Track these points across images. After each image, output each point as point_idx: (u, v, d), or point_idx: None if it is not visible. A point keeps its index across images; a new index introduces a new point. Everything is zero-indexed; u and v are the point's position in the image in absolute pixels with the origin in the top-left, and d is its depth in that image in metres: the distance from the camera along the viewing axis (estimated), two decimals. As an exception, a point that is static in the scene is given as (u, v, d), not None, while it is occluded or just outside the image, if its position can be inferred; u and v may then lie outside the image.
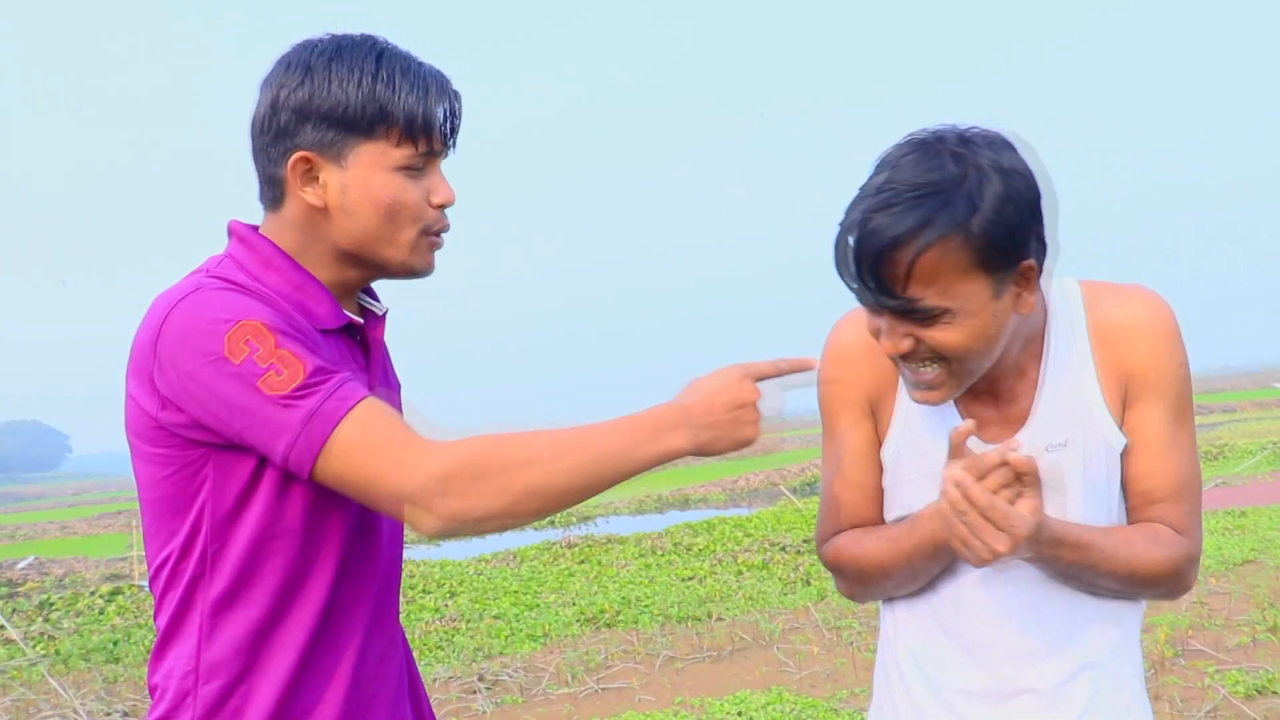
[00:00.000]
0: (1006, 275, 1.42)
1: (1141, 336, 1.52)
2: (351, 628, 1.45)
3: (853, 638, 7.19)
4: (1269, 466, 16.06)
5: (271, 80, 1.45)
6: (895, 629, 1.68)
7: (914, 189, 1.38)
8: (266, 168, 1.46)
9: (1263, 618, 6.50)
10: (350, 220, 1.44)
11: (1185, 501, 1.54)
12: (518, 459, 1.32)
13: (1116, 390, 1.53)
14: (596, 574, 11.43)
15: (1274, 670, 5.40)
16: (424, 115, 1.43)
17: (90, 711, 6.65)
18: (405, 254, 1.47)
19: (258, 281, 1.42)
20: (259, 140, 1.46)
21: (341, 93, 1.40)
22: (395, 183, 1.44)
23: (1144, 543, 1.51)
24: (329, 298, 1.47)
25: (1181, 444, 1.54)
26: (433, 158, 1.47)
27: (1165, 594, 1.56)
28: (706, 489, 24.07)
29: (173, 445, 1.36)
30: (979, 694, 1.58)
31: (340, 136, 1.42)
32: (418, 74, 1.44)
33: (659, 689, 6.41)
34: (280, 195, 1.46)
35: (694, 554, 12.15)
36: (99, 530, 26.83)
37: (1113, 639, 1.57)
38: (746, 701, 5.81)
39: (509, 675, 7.00)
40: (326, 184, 1.43)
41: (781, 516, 14.38)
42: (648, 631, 8.17)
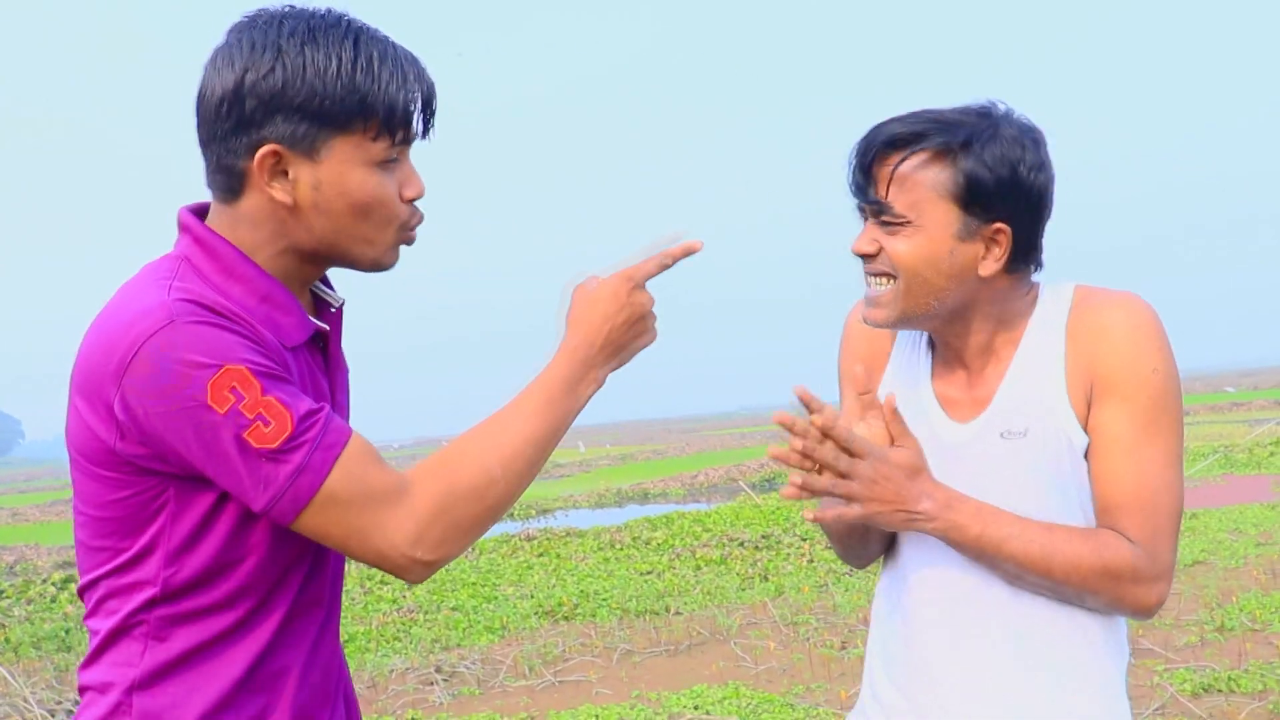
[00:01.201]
0: (977, 224, 1.51)
1: (1112, 338, 1.52)
2: (300, 645, 1.40)
3: (809, 633, 7.24)
4: (1220, 469, 16.31)
5: (232, 59, 1.30)
6: (875, 611, 1.75)
7: (933, 116, 1.52)
8: (223, 157, 1.33)
9: (1211, 618, 6.61)
10: (322, 219, 1.34)
11: (1143, 513, 1.50)
12: (474, 484, 1.32)
13: (1081, 388, 1.54)
14: (555, 567, 11.43)
15: (1220, 669, 5.49)
16: (404, 105, 1.34)
17: (41, 700, 6.57)
18: (379, 253, 1.39)
19: (221, 294, 1.31)
20: (214, 126, 1.32)
21: (318, 82, 1.29)
22: (372, 179, 1.34)
23: (1068, 533, 1.50)
24: (295, 306, 1.38)
25: (1149, 454, 1.51)
26: (405, 147, 1.38)
27: (1109, 602, 1.52)
28: (665, 483, 24.12)
29: (127, 472, 1.28)
30: (921, 673, 1.61)
31: (314, 130, 1.30)
32: (395, 59, 1.34)
33: (616, 682, 6.43)
34: (239, 188, 1.34)
35: (652, 548, 12.18)
36: (52, 518, 26.48)
37: (1067, 632, 1.56)
38: (703, 696, 5.84)
39: (466, 667, 6.99)
40: (297, 180, 1.32)
41: (740, 512, 14.43)
42: (606, 625, 8.18)
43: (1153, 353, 1.51)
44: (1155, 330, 1.53)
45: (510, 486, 1.35)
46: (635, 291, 1.41)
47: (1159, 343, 1.52)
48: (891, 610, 1.68)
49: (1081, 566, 1.48)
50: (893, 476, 1.46)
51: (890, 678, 1.66)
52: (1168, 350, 1.53)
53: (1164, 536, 1.51)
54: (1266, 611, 6.70)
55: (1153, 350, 1.52)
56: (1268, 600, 7.00)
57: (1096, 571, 1.48)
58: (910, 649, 1.63)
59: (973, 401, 1.61)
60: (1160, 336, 1.53)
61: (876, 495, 1.46)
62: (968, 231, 1.51)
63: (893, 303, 1.55)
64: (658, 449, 42.13)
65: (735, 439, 46.84)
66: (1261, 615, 6.63)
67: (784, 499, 1.52)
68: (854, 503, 1.46)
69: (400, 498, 1.30)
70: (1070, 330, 1.56)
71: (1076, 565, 1.48)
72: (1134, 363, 1.51)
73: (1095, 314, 1.55)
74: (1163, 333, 1.54)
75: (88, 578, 1.37)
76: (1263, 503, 12.18)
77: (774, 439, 1.45)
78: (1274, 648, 5.83)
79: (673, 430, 74.92)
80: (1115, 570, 1.48)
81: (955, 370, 1.63)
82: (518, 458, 1.35)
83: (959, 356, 1.62)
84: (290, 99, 1.29)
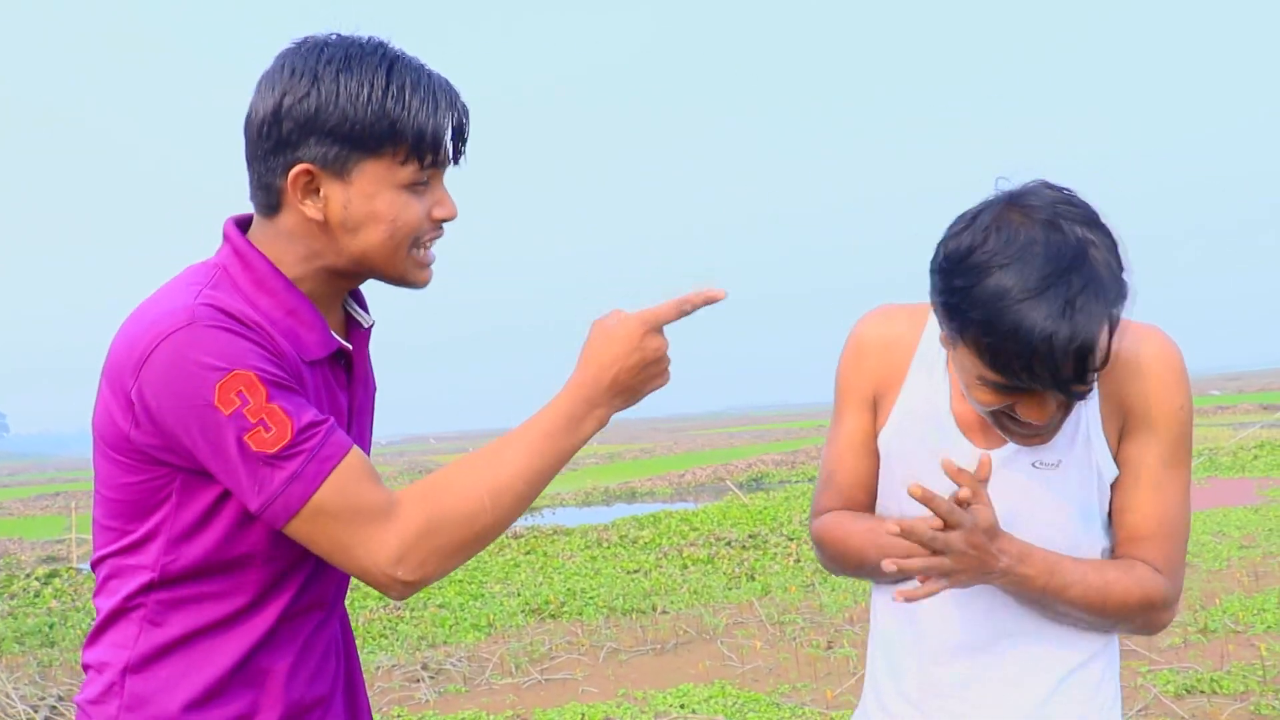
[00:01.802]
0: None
1: (1145, 373, 1.55)
2: (292, 645, 1.44)
3: (796, 633, 7.26)
4: (1204, 473, 16.40)
5: (274, 83, 1.38)
6: (875, 618, 1.75)
7: (1078, 297, 1.37)
8: (263, 175, 1.40)
9: (1194, 619, 6.65)
10: (351, 237, 1.40)
11: (1167, 543, 1.56)
12: (462, 512, 1.36)
13: (1114, 421, 1.57)
14: (542, 565, 11.44)
15: (1203, 670, 5.53)
16: (433, 132, 1.39)
17: (24, 696, 6.55)
18: (402, 270, 1.45)
19: (249, 303, 1.38)
20: (257, 145, 1.40)
21: (350, 107, 1.35)
22: (399, 200, 1.40)
23: (1115, 571, 1.54)
24: (320, 323, 1.43)
25: (1172, 486, 1.57)
26: (437, 170, 1.43)
27: (1136, 628, 1.58)
28: (653, 482, 24.13)
29: (139, 459, 1.34)
30: (933, 682, 1.62)
31: (345, 152, 1.37)
32: (428, 87, 1.39)
33: (603, 681, 6.44)
34: (276, 204, 1.41)
35: (639, 547, 12.20)
36: (36, 512, 26.38)
37: (1075, 640, 1.59)
38: (689, 694, 5.85)
39: (453, 664, 6.99)
40: (328, 198, 1.39)
41: (727, 511, 14.46)
42: (592, 623, 8.19)
43: (1182, 390, 1.57)
44: (1182, 366, 1.58)
45: (498, 517, 1.38)
46: (650, 335, 1.42)
47: (1185, 379, 1.58)
48: (901, 627, 1.67)
49: (1130, 603, 1.54)
50: (980, 541, 1.43)
51: (900, 691, 1.66)
52: (1188, 385, 1.58)
53: (1180, 563, 1.59)
54: (1249, 613, 6.75)
55: (1182, 387, 1.57)
56: (1250, 603, 7.04)
57: (1141, 604, 1.54)
58: (923, 663, 1.63)
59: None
60: (1185, 372, 1.58)
61: (964, 566, 1.43)
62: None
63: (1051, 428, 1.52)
64: (645, 448, 42.15)
65: (723, 438, 46.89)
66: (1244, 617, 6.67)
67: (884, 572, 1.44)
68: (943, 577, 1.43)
69: (387, 517, 1.34)
70: None
71: (1125, 602, 1.53)
72: (1166, 400, 1.55)
73: (1128, 349, 1.56)
74: (1185, 368, 1.59)
75: (98, 554, 1.43)
76: (1246, 506, 12.26)
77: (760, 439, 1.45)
78: (1256, 649, 5.86)
79: (660, 429, 74.95)
80: (1152, 601, 1.55)
81: None
82: (508, 490, 1.38)
83: None
84: (323, 123, 1.36)
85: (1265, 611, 6.78)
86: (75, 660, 8.17)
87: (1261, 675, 5.39)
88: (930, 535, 1.40)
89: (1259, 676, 5.38)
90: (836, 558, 1.69)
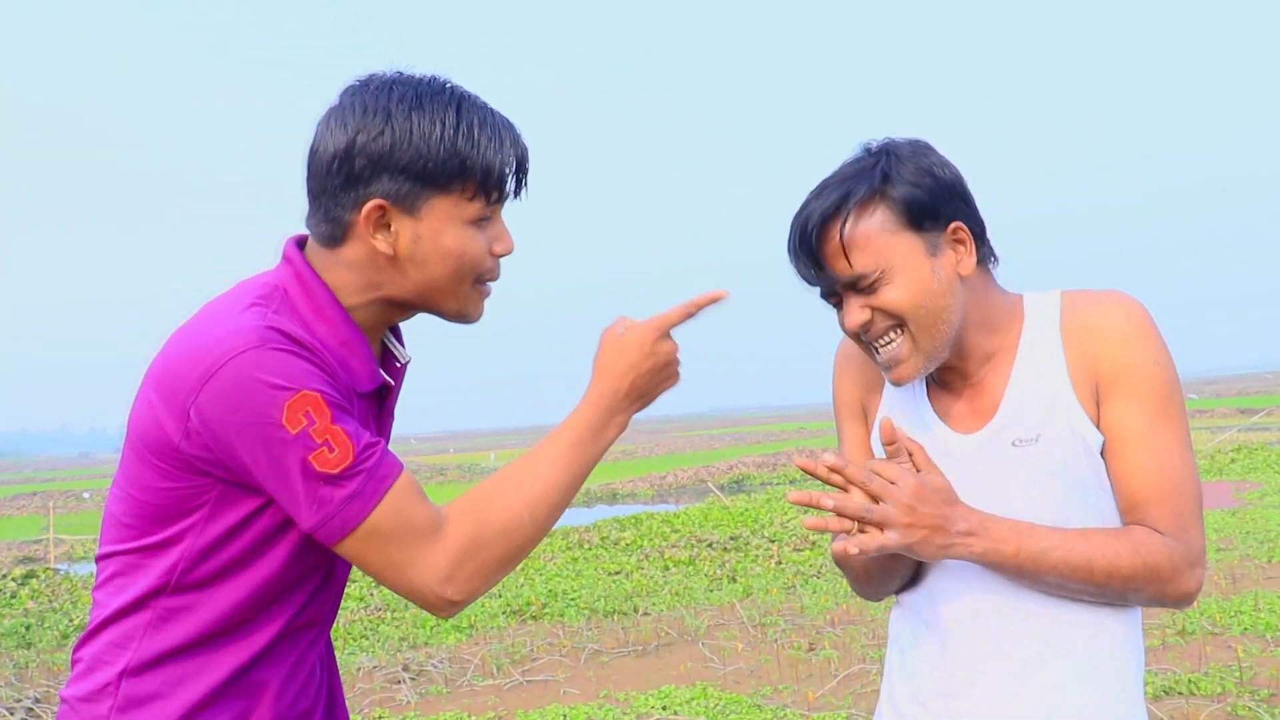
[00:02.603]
0: (936, 235, 1.54)
1: (1109, 336, 1.54)
2: (286, 659, 1.46)
3: (777, 635, 7.27)
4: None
5: (345, 121, 1.41)
6: (892, 620, 1.74)
7: (838, 179, 1.56)
8: (331, 209, 1.43)
9: (1172, 621, 6.69)
10: (419, 270, 1.44)
11: (1170, 501, 1.51)
12: (503, 526, 1.40)
13: (1088, 388, 1.55)
14: (523, 566, 11.42)
15: (1181, 672, 5.57)
16: (499, 169, 1.43)
17: (0, 698, 6.51)
18: (462, 304, 1.48)
19: (307, 329, 1.40)
20: (326, 180, 1.42)
21: (424, 145, 1.39)
22: (465, 235, 1.44)
23: (1103, 535, 1.50)
24: (370, 356, 1.46)
25: (1165, 443, 1.52)
26: (498, 206, 1.47)
27: (1153, 596, 1.52)
28: (634, 484, 24.15)
29: (181, 467, 1.36)
30: (946, 686, 1.61)
31: (418, 189, 1.40)
32: (494, 126, 1.44)
33: (584, 682, 6.44)
34: (342, 236, 1.44)
35: (621, 548, 12.20)
36: (13, 512, 26.21)
37: (1092, 634, 1.56)
38: (671, 696, 5.85)
39: (434, 666, 6.98)
40: (399, 233, 1.42)
41: (709, 513, 14.48)
42: (574, 625, 8.19)
43: (1151, 346, 1.54)
44: (1149, 324, 1.55)
45: (537, 528, 1.43)
46: (661, 340, 1.49)
47: (1154, 335, 1.55)
48: (917, 631, 1.67)
49: (1122, 568, 1.49)
50: (930, 499, 1.44)
51: (912, 691, 1.65)
52: (1163, 341, 1.56)
53: (1192, 521, 1.53)
54: (1226, 616, 6.80)
55: (1151, 343, 1.54)
56: (1227, 605, 7.10)
57: (1138, 569, 1.49)
58: (939, 666, 1.62)
59: (975, 412, 1.61)
60: (1154, 329, 1.55)
61: (914, 521, 1.43)
62: (934, 247, 1.54)
63: (912, 350, 1.56)
64: (626, 449, 42.16)
65: (704, 440, 46.93)
66: (1221, 619, 6.73)
67: (806, 528, 1.51)
68: (889, 530, 1.43)
69: (435, 535, 1.37)
70: (1065, 332, 1.58)
71: (1117, 567, 1.49)
72: (1136, 358, 1.53)
73: (1089, 314, 1.57)
74: (1155, 326, 1.56)
75: (109, 549, 1.43)
76: (1223, 509, 12.36)
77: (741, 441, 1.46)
78: (1233, 651, 5.91)
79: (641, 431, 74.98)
80: (1155, 565, 1.49)
81: (951, 382, 1.64)
82: (543, 501, 1.43)
83: (954, 368, 1.62)
84: (397, 160, 1.39)
85: (1242, 614, 6.83)
86: (53, 661, 8.13)
87: (1238, 676, 5.43)
88: (866, 475, 1.43)
89: (1236, 678, 5.42)
90: (855, 577, 1.71)
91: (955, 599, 1.60)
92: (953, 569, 1.61)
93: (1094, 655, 1.57)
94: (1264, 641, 6.19)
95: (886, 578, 1.68)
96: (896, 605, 1.74)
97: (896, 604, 1.74)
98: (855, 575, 1.70)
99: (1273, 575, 8.27)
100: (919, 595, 1.67)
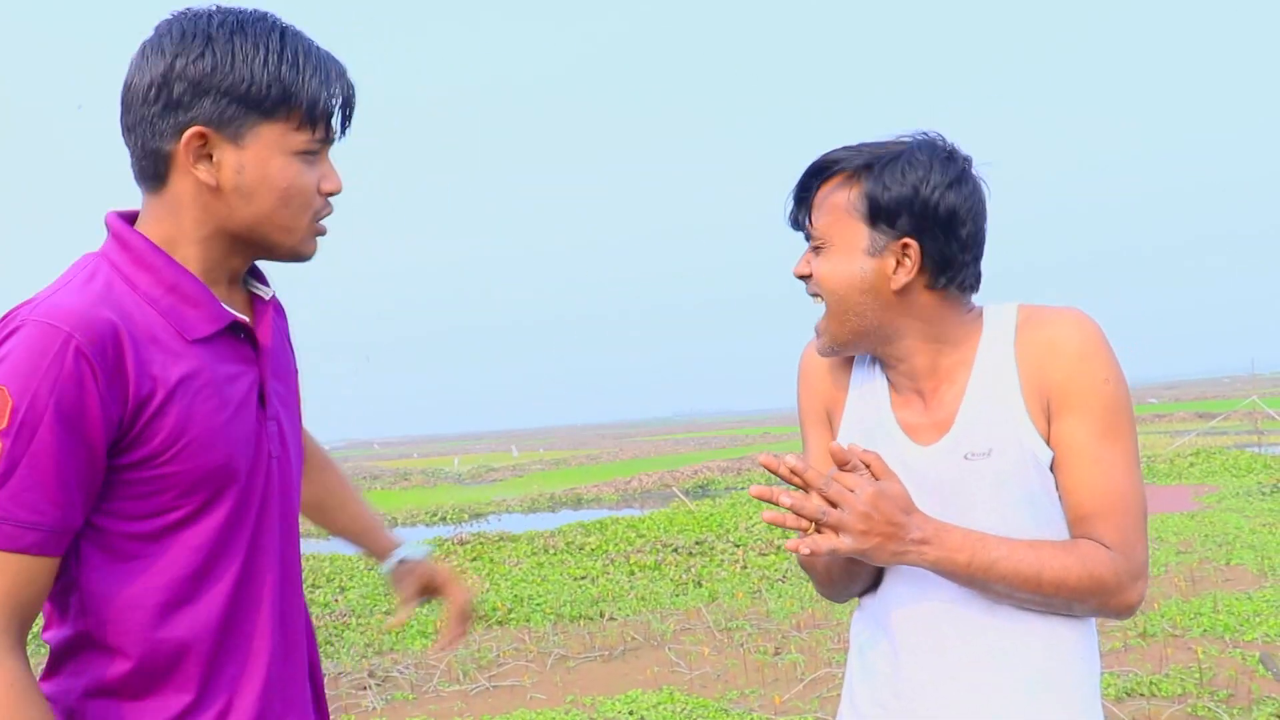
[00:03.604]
0: (885, 239, 1.58)
1: (1061, 352, 1.57)
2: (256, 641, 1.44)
3: (744, 639, 7.29)
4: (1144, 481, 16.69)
5: (161, 47, 1.36)
6: (854, 631, 1.77)
7: (856, 146, 1.64)
8: (149, 141, 1.37)
9: (1133, 624, 6.76)
10: (244, 202, 1.39)
11: (1115, 516, 1.55)
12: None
13: (1039, 404, 1.58)
14: (489, 571, 11.39)
15: (1143, 674, 5.63)
16: (325, 101, 1.40)
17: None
18: (296, 240, 1.44)
19: (129, 284, 1.36)
20: (141, 110, 1.36)
21: (246, 69, 1.34)
22: (293, 167, 1.39)
23: (1052, 548, 1.54)
24: (207, 297, 1.40)
25: (1112, 459, 1.56)
26: (325, 145, 1.44)
27: (1096, 608, 1.56)
28: (599, 489, 24.12)
29: None
30: (902, 688, 1.64)
31: (241, 114, 1.35)
32: (319, 58, 1.41)
33: (551, 687, 6.42)
34: (165, 172, 1.38)
35: (586, 553, 12.18)
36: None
37: (1046, 642, 1.60)
38: (638, 701, 5.85)
39: (400, 672, 6.94)
40: (221, 163, 1.37)
41: (674, 518, 14.48)
42: (540, 630, 8.17)
43: (1102, 364, 1.57)
44: (1101, 342, 1.58)
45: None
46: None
47: (1106, 353, 1.57)
48: (875, 634, 1.70)
49: (1069, 579, 1.53)
50: (885, 507, 1.46)
51: (872, 694, 1.69)
52: (1114, 359, 1.59)
53: (1136, 537, 1.56)
54: (1186, 618, 6.88)
55: (1101, 361, 1.57)
56: (1187, 607, 7.18)
57: (1084, 582, 1.53)
58: (897, 669, 1.65)
59: (933, 425, 1.64)
60: (1106, 347, 1.58)
61: (869, 528, 1.45)
62: (875, 247, 1.59)
63: (825, 328, 1.64)
64: (591, 454, 42.11)
65: (669, 445, 46.95)
66: (1181, 621, 6.81)
67: (764, 521, 1.55)
68: (844, 534, 1.45)
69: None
70: (1019, 348, 1.61)
71: (1064, 578, 1.53)
72: (1086, 375, 1.56)
73: (1042, 330, 1.60)
74: (1107, 343, 1.58)
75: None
76: (1183, 512, 12.49)
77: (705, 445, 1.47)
78: (1193, 653, 5.99)
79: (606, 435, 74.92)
80: (1100, 578, 1.53)
81: (911, 395, 1.67)
82: None
83: (910, 381, 1.66)
84: (219, 82, 1.35)
85: (1202, 615, 6.92)
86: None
87: (1199, 678, 5.50)
88: (824, 480, 1.46)
89: (1196, 679, 5.49)
90: (818, 580, 1.74)
91: (911, 604, 1.64)
92: (910, 575, 1.64)
93: (1048, 662, 1.60)
94: (1223, 643, 6.28)
95: (848, 581, 1.71)
96: (858, 609, 1.77)
97: (858, 607, 1.77)
98: (818, 577, 1.73)
99: (1231, 578, 8.38)
100: (877, 599, 1.70)
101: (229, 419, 1.38)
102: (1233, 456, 18.85)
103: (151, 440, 1.32)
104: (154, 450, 1.32)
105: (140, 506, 1.34)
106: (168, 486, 1.34)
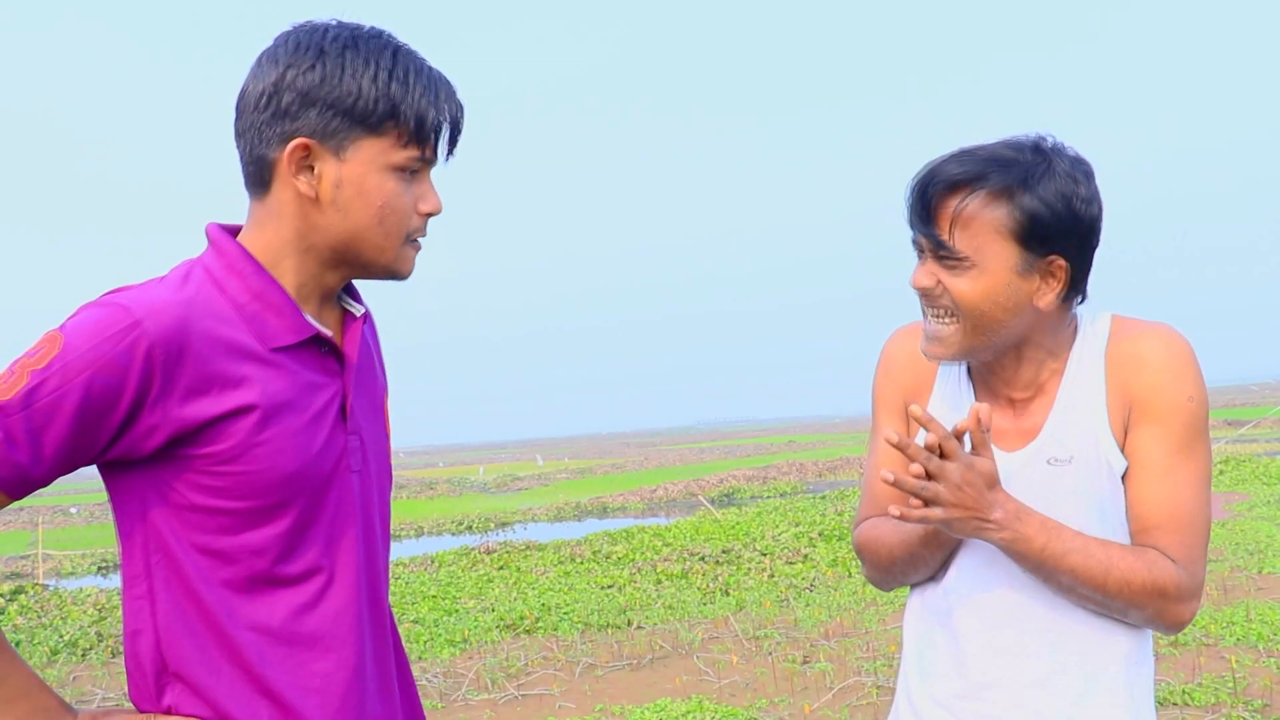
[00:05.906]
0: (1035, 259, 1.55)
1: (1149, 366, 1.59)
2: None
3: (772, 647, 7.28)
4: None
5: (276, 57, 1.39)
6: (909, 622, 1.78)
7: (988, 155, 1.57)
8: (256, 147, 1.39)
9: (1165, 633, 6.71)
10: (340, 216, 1.40)
11: (1180, 532, 1.56)
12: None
13: (1120, 414, 1.60)
14: (515, 580, 11.41)
15: (1175, 683, 5.58)
16: (433, 120, 1.40)
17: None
18: (389, 258, 1.44)
19: (218, 288, 1.39)
20: (252, 117, 1.39)
21: (354, 83, 1.36)
22: (390, 184, 1.40)
23: (1122, 550, 1.55)
24: (291, 309, 1.41)
25: (1184, 476, 1.57)
26: (427, 165, 1.44)
27: (1150, 617, 1.57)
28: (625, 498, 24.13)
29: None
30: (965, 689, 1.65)
31: (345, 127, 1.37)
32: (430, 77, 1.41)
33: (579, 696, 6.43)
34: (269, 179, 1.40)
35: (613, 562, 12.19)
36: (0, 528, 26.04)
37: (1106, 644, 1.61)
38: (667, 710, 5.85)
39: (428, 680, 6.96)
40: (321, 175, 1.38)
41: (700, 527, 14.47)
42: (568, 639, 8.18)
43: (1188, 381, 1.58)
44: (1190, 360, 1.59)
45: None
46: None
47: (1194, 372, 1.59)
48: (932, 631, 1.71)
49: (1134, 583, 1.54)
50: (975, 483, 1.49)
51: (931, 694, 1.70)
52: (1201, 379, 1.60)
53: (1199, 555, 1.58)
54: (1219, 627, 6.83)
55: (1188, 379, 1.58)
56: (1219, 615, 7.12)
57: (1147, 588, 1.54)
58: (957, 666, 1.66)
59: (1019, 432, 1.66)
60: (1194, 366, 1.60)
61: (958, 500, 1.49)
62: (1026, 266, 1.56)
63: (956, 340, 1.60)
64: (616, 463, 42.12)
65: (694, 454, 46.93)
66: (1214, 630, 6.75)
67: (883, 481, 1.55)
68: (935, 506, 1.49)
69: None
70: (1110, 359, 1.62)
71: (1129, 581, 1.54)
72: (1170, 390, 1.58)
73: (1134, 344, 1.61)
74: (1196, 362, 1.60)
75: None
76: (1213, 520, 12.40)
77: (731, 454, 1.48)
78: (1226, 662, 5.94)
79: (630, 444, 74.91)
80: (1162, 587, 1.54)
81: (1000, 402, 1.68)
82: None
83: (1006, 388, 1.67)
84: (326, 94, 1.36)
85: (1234, 624, 6.86)
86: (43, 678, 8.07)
87: (1232, 687, 5.45)
88: (925, 455, 1.48)
89: (1229, 688, 5.45)
90: (873, 561, 1.75)
91: (973, 602, 1.65)
92: (971, 571, 1.65)
93: (1108, 665, 1.61)
94: (1256, 652, 6.22)
95: (910, 567, 1.71)
96: (910, 604, 1.77)
97: (911, 602, 1.78)
98: (880, 560, 1.73)
99: (1264, 586, 8.30)
100: (936, 595, 1.71)
101: (302, 429, 1.39)
102: (1263, 464, 18.69)
103: (221, 441, 1.34)
104: (223, 451, 1.34)
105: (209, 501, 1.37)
106: (235, 486, 1.36)
